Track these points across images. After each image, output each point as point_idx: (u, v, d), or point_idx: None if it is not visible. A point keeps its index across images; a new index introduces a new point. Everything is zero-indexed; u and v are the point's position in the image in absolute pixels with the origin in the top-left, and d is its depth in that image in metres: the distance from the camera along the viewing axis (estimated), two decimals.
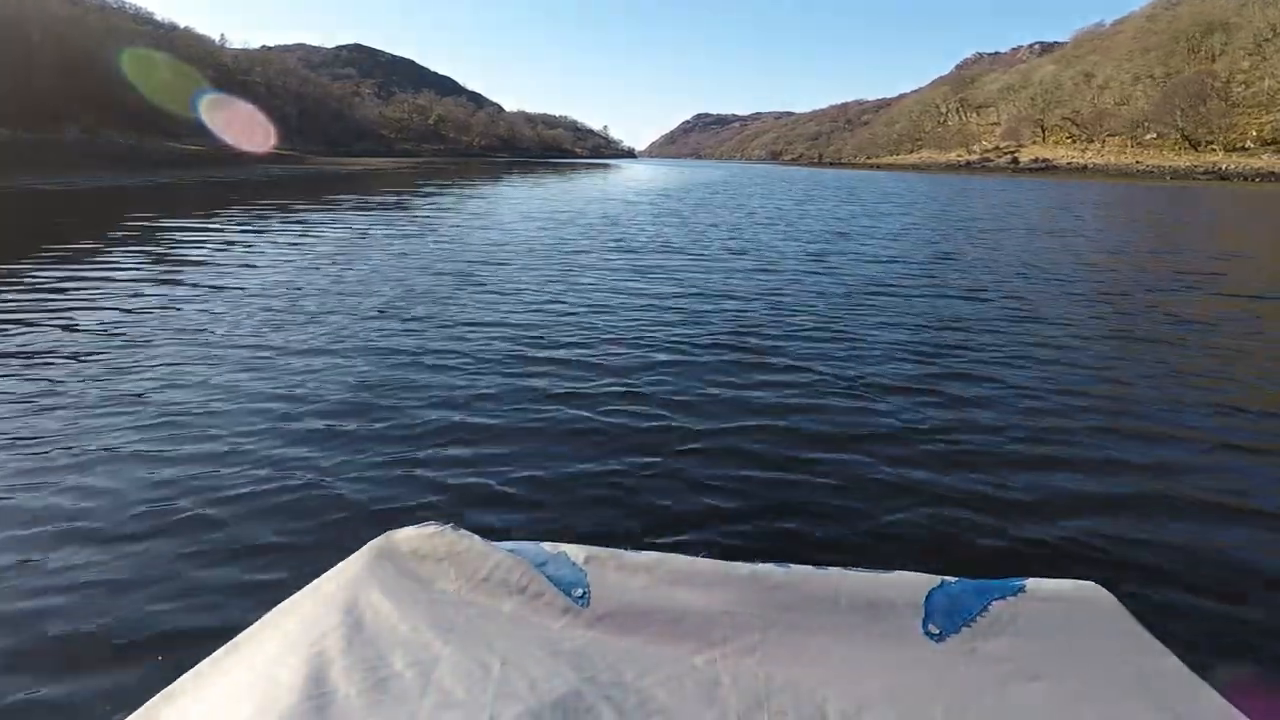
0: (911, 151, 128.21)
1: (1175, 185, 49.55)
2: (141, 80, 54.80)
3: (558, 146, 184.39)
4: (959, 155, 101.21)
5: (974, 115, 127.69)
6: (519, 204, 21.70)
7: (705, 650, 0.84)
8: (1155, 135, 76.77)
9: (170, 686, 0.79)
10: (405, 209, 18.67)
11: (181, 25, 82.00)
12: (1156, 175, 61.46)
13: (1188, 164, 64.24)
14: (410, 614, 0.87)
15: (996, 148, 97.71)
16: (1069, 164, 74.51)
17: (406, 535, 1.02)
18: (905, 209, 22.12)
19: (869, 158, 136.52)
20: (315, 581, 0.96)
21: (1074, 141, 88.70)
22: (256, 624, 0.89)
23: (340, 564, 0.99)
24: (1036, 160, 78.42)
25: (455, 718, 0.71)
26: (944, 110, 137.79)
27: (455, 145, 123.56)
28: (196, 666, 0.82)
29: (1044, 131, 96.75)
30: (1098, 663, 0.81)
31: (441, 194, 25.48)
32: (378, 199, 21.90)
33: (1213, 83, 72.66)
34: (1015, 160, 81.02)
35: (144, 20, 74.94)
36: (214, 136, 56.55)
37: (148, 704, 0.78)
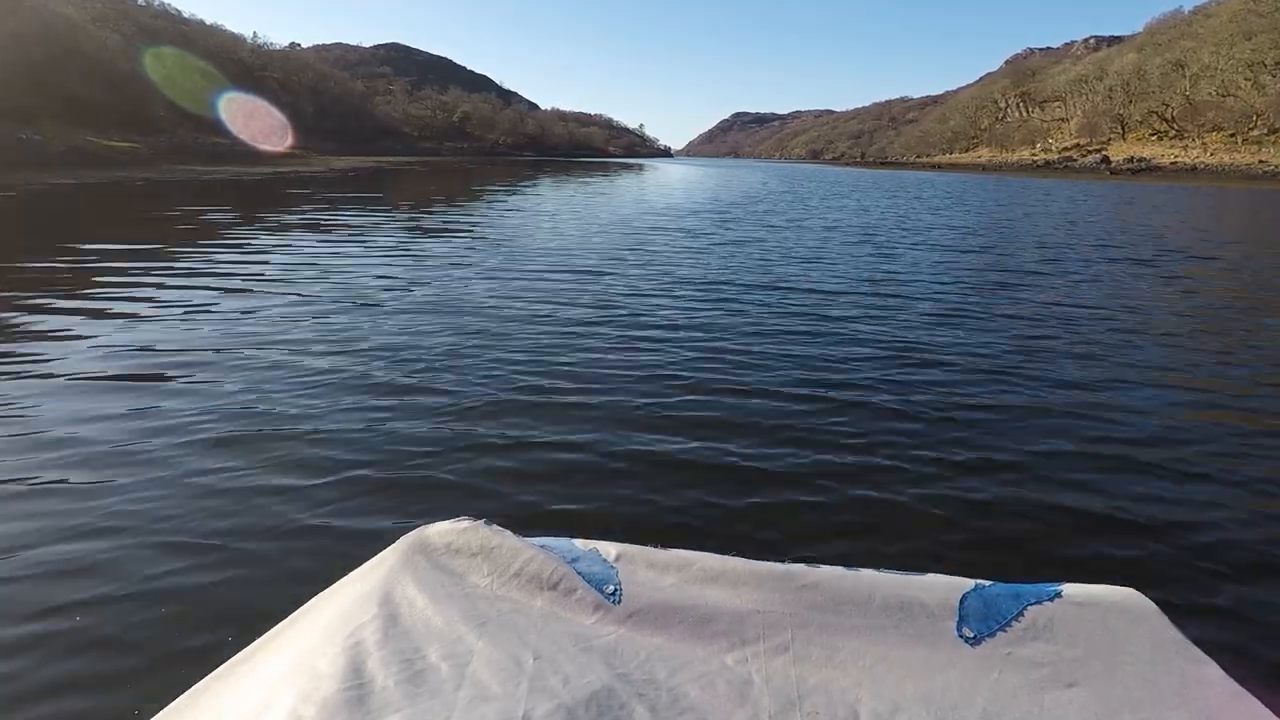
0: (968, 150, 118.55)
1: None
2: (157, 76, 51.72)
3: (589, 145, 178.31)
4: (1030, 154, 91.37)
5: (1038, 110, 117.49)
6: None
7: (737, 649, 0.83)
8: (1268, 130, 66.74)
9: (212, 674, 0.80)
10: None
11: (209, 22, 78.43)
12: None
13: None
14: (444, 607, 0.87)
15: (1077, 145, 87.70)
16: (1173, 164, 64.89)
17: (440, 530, 1.00)
18: None
19: (919, 156, 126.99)
20: (350, 574, 0.95)
21: (1160, 139, 78.62)
22: (294, 614, 0.89)
23: (375, 558, 0.97)
24: (1133, 160, 68.73)
25: (490, 711, 0.71)
26: (1003, 105, 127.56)
27: (480, 143, 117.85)
28: (237, 655, 0.83)
29: (1123, 128, 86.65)
30: (1136, 670, 0.79)
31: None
32: None
33: None
34: (1106, 160, 71.24)
35: (161, 15, 70.90)
36: (222, 134, 52.51)
37: (191, 690, 0.78)
